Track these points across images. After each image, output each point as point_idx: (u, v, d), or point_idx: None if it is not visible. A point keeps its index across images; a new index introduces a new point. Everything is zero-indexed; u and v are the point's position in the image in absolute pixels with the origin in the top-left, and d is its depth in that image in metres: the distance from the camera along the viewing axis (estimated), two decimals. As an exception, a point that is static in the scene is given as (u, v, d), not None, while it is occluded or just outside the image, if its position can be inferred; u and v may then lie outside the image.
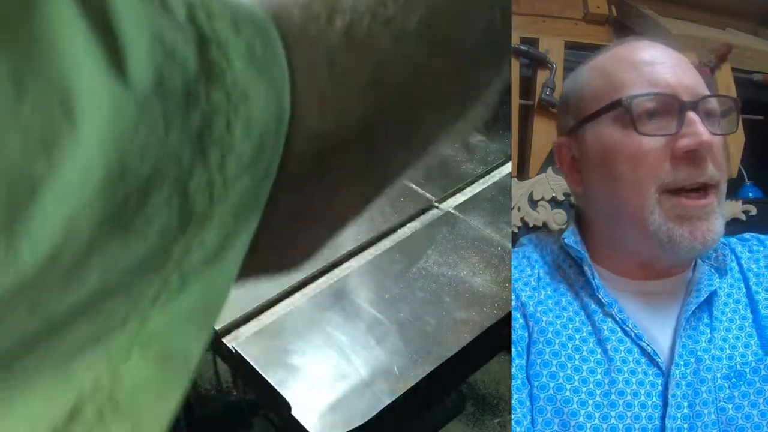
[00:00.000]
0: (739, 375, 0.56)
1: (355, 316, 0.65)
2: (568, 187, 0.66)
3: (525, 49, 1.03)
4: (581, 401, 0.56)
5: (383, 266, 0.70)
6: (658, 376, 0.56)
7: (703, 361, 0.56)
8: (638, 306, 0.59)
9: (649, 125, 0.56)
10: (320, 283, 0.69)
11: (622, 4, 1.06)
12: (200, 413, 1.05)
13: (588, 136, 0.60)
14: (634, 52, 0.60)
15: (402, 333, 0.62)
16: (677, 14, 1.06)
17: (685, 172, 0.55)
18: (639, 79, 0.57)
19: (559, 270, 0.63)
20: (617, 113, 0.57)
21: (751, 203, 0.99)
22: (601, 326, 0.58)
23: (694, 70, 0.60)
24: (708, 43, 1.02)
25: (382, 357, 0.60)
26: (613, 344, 0.57)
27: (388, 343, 0.62)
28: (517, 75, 1.00)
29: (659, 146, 0.55)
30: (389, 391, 0.57)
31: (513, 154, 0.86)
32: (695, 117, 0.55)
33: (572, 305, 0.61)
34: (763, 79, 1.04)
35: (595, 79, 0.61)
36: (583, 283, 0.61)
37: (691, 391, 0.55)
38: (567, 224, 0.66)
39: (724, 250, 0.62)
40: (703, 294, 0.58)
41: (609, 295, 0.58)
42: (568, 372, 0.57)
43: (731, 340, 0.58)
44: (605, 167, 0.58)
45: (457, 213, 0.77)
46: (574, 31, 1.05)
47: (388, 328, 0.63)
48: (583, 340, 0.59)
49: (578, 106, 0.62)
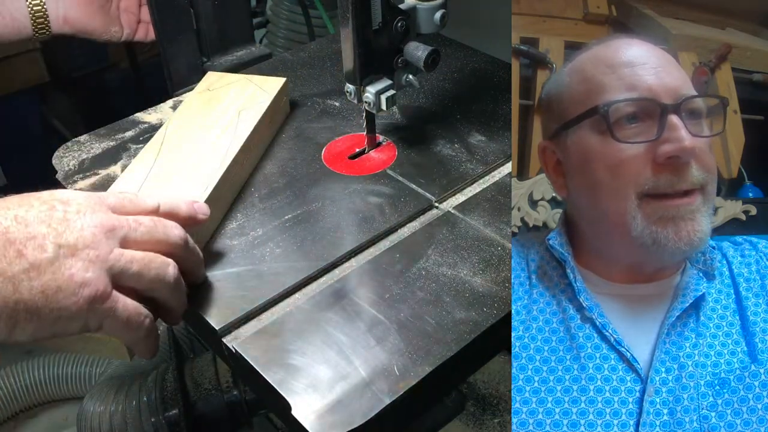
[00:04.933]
0: (723, 383, 0.55)
1: (355, 316, 0.65)
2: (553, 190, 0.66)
3: (525, 49, 1.03)
4: (547, 411, 0.54)
5: (383, 266, 0.70)
6: (636, 383, 0.55)
7: (686, 368, 0.55)
8: (622, 310, 0.58)
9: (628, 131, 0.54)
10: (320, 283, 0.69)
11: (622, 4, 1.06)
12: (200, 413, 1.05)
13: (569, 142, 0.58)
14: (615, 53, 0.58)
15: (402, 333, 0.62)
16: (677, 14, 1.06)
17: (667, 179, 0.53)
18: (617, 83, 0.56)
19: (544, 272, 0.62)
20: (595, 120, 0.56)
21: (751, 203, 0.99)
22: (577, 333, 0.57)
23: (679, 69, 0.58)
24: (708, 43, 1.03)
25: (382, 357, 0.60)
26: (588, 351, 0.56)
27: (388, 343, 0.62)
28: (517, 75, 1.01)
29: (640, 153, 0.54)
30: (389, 391, 0.57)
31: (513, 154, 0.86)
32: (677, 121, 0.53)
33: (549, 307, 0.59)
34: (763, 79, 1.05)
35: (574, 82, 0.59)
36: (565, 286, 0.60)
37: (672, 398, 0.54)
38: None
39: (713, 254, 0.60)
40: (689, 299, 0.57)
41: (590, 299, 0.57)
42: (544, 375, 0.56)
43: (717, 347, 0.57)
44: (586, 174, 0.57)
45: (457, 213, 0.77)
46: (574, 31, 1.05)
47: (388, 328, 0.63)
48: (560, 340, 0.57)
49: (559, 110, 0.60)
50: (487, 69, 1.04)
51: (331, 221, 0.77)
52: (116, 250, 0.57)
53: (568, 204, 0.63)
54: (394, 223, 0.76)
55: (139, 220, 0.60)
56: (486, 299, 0.65)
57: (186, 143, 0.81)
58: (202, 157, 0.78)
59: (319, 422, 0.56)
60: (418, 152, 0.87)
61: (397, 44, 0.80)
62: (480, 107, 0.95)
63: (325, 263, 0.71)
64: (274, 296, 0.67)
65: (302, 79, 1.04)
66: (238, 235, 0.75)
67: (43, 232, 0.53)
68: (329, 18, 1.41)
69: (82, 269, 0.54)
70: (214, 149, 0.80)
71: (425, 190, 0.81)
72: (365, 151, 0.88)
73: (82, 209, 0.57)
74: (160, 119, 0.96)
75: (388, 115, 0.94)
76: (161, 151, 0.79)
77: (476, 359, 0.69)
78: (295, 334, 0.63)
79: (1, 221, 0.53)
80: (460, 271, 0.69)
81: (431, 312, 0.65)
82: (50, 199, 0.56)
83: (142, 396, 1.08)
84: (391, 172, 0.84)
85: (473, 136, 0.90)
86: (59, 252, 0.53)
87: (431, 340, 0.62)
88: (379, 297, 0.67)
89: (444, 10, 0.80)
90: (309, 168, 0.86)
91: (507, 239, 0.73)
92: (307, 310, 0.66)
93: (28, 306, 0.52)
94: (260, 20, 1.70)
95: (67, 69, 1.73)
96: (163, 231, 0.61)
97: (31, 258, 0.52)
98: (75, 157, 0.88)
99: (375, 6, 0.75)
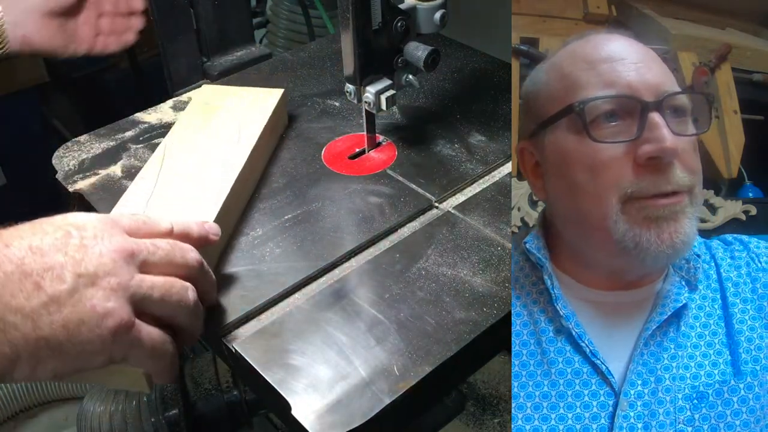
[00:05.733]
0: (701, 396, 0.52)
1: (355, 316, 0.65)
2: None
3: (525, 49, 1.03)
4: (517, 429, 0.53)
5: (383, 266, 0.70)
6: (610, 396, 0.52)
7: (664, 381, 0.52)
8: (599, 318, 0.55)
9: (606, 130, 0.51)
10: (320, 283, 0.69)
11: (622, 4, 1.06)
12: (200, 413, 1.05)
13: (546, 142, 0.56)
14: (593, 49, 0.55)
15: (402, 333, 0.62)
16: (677, 14, 1.06)
17: (649, 181, 0.50)
18: (595, 80, 0.53)
19: (515, 279, 0.59)
20: (571, 119, 0.53)
21: (751, 203, 0.99)
22: (548, 348, 0.54)
23: (661, 65, 0.55)
24: (708, 43, 1.02)
25: (382, 357, 0.60)
26: (560, 367, 0.53)
27: (388, 343, 0.62)
28: (517, 75, 1.01)
29: (619, 153, 0.51)
30: (389, 391, 0.57)
31: (513, 154, 0.86)
32: (658, 119, 0.50)
33: (519, 318, 0.57)
34: (763, 79, 1.04)
35: (552, 79, 0.57)
36: (538, 294, 0.57)
37: (648, 412, 0.51)
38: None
39: (697, 262, 0.57)
40: (668, 310, 0.54)
41: (567, 307, 0.55)
42: (523, 381, 0.54)
43: (698, 358, 0.54)
44: (564, 176, 0.54)
45: (457, 213, 0.77)
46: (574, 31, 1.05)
47: (388, 328, 0.63)
48: (530, 354, 0.55)
49: (536, 108, 0.57)
50: (487, 69, 1.04)
51: (331, 221, 0.77)
52: (137, 276, 0.54)
53: (547, 207, 0.61)
54: (394, 223, 0.76)
55: (157, 244, 0.57)
56: (486, 299, 0.65)
57: (188, 159, 0.79)
58: (206, 175, 0.77)
59: (318, 422, 0.56)
60: (418, 152, 0.87)
61: (397, 44, 0.80)
62: (480, 107, 0.95)
63: (325, 263, 0.71)
64: (274, 296, 0.67)
65: (302, 79, 1.04)
66: (238, 235, 0.75)
67: (60, 261, 0.50)
68: (329, 18, 1.41)
69: (104, 299, 0.51)
70: (218, 166, 0.78)
71: (425, 190, 0.81)
72: (365, 151, 0.88)
73: (99, 233, 0.54)
74: (159, 119, 0.96)
75: (388, 115, 0.94)
76: (162, 167, 0.78)
77: (476, 359, 0.69)
78: (295, 334, 0.63)
79: (15, 252, 0.49)
80: (460, 271, 0.69)
81: (431, 312, 0.65)
82: (64, 224, 0.53)
83: (142, 396, 1.08)
84: (391, 172, 0.84)
85: (473, 136, 0.90)
86: (79, 282, 0.50)
87: (431, 340, 0.62)
88: (379, 297, 0.67)
89: (444, 10, 0.80)
90: (309, 168, 0.86)
91: (507, 239, 0.73)
92: (307, 310, 0.66)
93: (49, 342, 0.49)
94: (260, 20, 1.70)
95: (66, 69, 1.73)
96: (181, 254, 0.59)
97: (49, 290, 0.49)
98: (75, 157, 0.88)
99: (375, 6, 0.75)
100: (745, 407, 0.52)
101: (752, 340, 0.55)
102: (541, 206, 1.00)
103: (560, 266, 0.58)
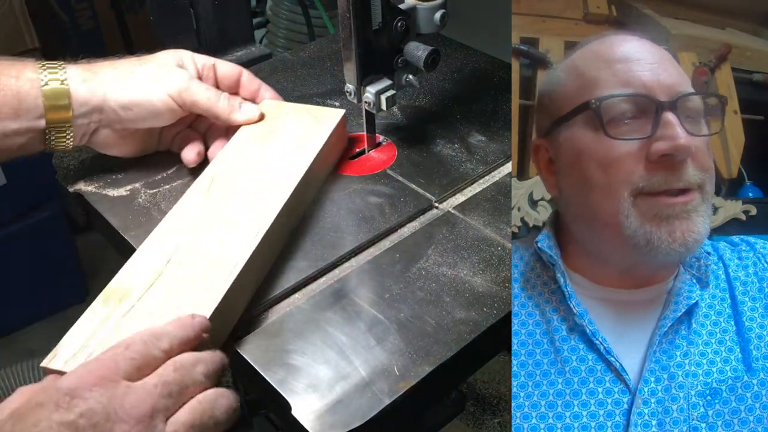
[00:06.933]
0: (714, 393, 0.53)
1: (355, 316, 0.65)
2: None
3: (525, 49, 1.03)
4: (532, 427, 0.53)
5: (383, 266, 0.70)
6: (624, 394, 0.53)
7: (677, 378, 0.53)
8: (612, 317, 0.56)
9: (621, 128, 0.53)
10: (320, 283, 0.69)
11: (622, 4, 1.06)
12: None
13: (561, 139, 0.57)
14: (610, 49, 0.56)
15: (402, 333, 0.62)
16: (677, 14, 1.06)
17: (661, 177, 0.52)
18: (612, 79, 0.54)
19: (526, 279, 0.59)
20: (587, 116, 0.54)
21: (751, 203, 0.99)
22: (562, 346, 0.55)
23: (676, 66, 0.56)
24: (708, 43, 1.02)
25: (382, 357, 0.60)
26: (573, 365, 0.54)
27: (388, 343, 0.62)
28: (517, 75, 1.01)
29: (633, 150, 0.52)
30: (389, 391, 0.57)
31: (513, 154, 0.86)
32: (672, 118, 0.52)
33: (532, 318, 0.57)
34: (763, 79, 1.04)
35: (569, 78, 0.58)
36: (550, 293, 0.58)
37: (662, 409, 0.52)
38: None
39: (708, 260, 0.58)
40: (681, 308, 0.55)
41: (581, 305, 0.55)
42: (529, 389, 0.54)
43: (710, 355, 0.55)
44: (577, 172, 0.55)
45: (457, 213, 0.77)
46: (574, 31, 1.05)
47: (388, 328, 0.63)
48: (544, 353, 0.55)
49: (552, 106, 0.58)
50: (487, 69, 1.04)
51: (331, 221, 0.77)
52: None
53: (560, 204, 0.61)
54: (394, 223, 0.76)
55: (166, 380, 0.52)
56: (486, 299, 0.65)
57: (232, 190, 0.73)
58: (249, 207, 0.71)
59: (318, 422, 0.56)
60: (418, 152, 0.87)
61: (397, 44, 0.80)
62: (480, 107, 0.95)
63: (325, 263, 0.71)
64: (274, 296, 0.67)
65: (302, 79, 1.04)
66: (238, 235, 0.75)
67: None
68: (329, 18, 1.41)
69: None
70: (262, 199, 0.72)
71: (425, 190, 0.81)
72: (365, 151, 0.88)
73: (110, 411, 0.48)
74: (160, 119, 0.95)
75: (388, 115, 0.94)
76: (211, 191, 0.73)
77: (476, 359, 0.69)
78: (295, 334, 0.63)
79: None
80: (460, 271, 0.69)
81: (431, 312, 0.65)
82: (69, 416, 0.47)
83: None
84: (391, 172, 0.84)
85: (473, 136, 0.90)
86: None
87: (431, 340, 0.62)
88: (379, 297, 0.67)
89: (444, 10, 0.80)
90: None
91: (507, 239, 0.73)
92: (307, 310, 0.66)
93: None
94: (260, 20, 1.70)
95: (67, 69, 1.73)
96: (191, 379, 0.53)
97: None
98: (75, 157, 0.88)
99: (375, 6, 0.75)
100: (759, 403, 0.53)
101: (762, 337, 0.56)
102: (541, 206, 1.00)
103: (571, 265, 0.59)
